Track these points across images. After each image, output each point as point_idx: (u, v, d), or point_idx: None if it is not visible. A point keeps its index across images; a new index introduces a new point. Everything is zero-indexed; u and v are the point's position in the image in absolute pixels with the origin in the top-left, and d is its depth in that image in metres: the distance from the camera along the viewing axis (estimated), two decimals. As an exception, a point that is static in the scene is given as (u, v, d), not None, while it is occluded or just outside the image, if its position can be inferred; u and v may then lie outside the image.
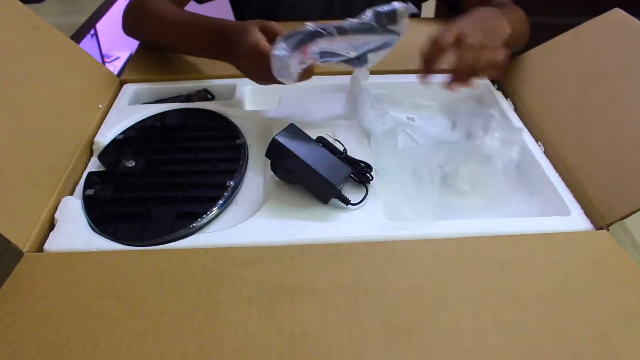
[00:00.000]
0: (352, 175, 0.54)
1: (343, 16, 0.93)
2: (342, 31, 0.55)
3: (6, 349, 0.37)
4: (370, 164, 0.56)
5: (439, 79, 0.55)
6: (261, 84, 0.63)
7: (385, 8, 0.57)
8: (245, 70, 0.63)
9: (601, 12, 0.67)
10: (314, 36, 0.54)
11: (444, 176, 0.54)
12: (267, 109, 0.68)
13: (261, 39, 0.59)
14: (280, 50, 0.53)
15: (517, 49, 0.77)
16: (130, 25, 0.79)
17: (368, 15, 0.57)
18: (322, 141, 0.57)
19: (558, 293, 0.42)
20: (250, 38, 0.59)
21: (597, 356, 0.37)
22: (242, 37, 0.60)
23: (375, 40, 0.58)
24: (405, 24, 0.57)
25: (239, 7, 1.00)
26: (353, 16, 0.61)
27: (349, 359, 0.36)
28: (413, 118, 0.67)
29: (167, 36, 0.75)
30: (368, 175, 0.54)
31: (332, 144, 0.57)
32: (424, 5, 0.98)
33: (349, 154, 0.57)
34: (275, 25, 0.61)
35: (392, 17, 0.56)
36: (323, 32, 0.54)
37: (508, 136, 0.59)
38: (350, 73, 0.70)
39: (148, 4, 0.76)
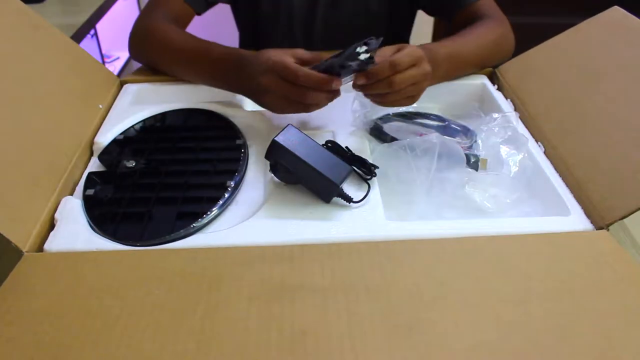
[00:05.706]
0: (357, 170, 0.54)
1: (328, 11, 0.90)
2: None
3: (5, 347, 0.37)
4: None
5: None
6: (281, 109, 0.58)
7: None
8: (263, 91, 0.57)
9: (600, 11, 0.67)
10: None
11: (452, 188, 0.54)
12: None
13: (285, 54, 0.56)
14: None
15: (492, 64, 0.76)
16: (137, 51, 0.76)
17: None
18: (330, 143, 0.57)
19: (558, 293, 0.42)
20: (272, 53, 0.56)
21: (596, 356, 0.37)
22: (261, 56, 0.57)
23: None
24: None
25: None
26: (339, 11, 0.56)
27: (348, 356, 0.36)
28: (414, 122, 0.67)
29: (175, 63, 0.71)
30: (372, 169, 0.54)
31: (340, 146, 0.57)
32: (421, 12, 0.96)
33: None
34: (298, 50, 0.58)
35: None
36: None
37: (514, 146, 0.59)
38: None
39: (152, 28, 0.73)
